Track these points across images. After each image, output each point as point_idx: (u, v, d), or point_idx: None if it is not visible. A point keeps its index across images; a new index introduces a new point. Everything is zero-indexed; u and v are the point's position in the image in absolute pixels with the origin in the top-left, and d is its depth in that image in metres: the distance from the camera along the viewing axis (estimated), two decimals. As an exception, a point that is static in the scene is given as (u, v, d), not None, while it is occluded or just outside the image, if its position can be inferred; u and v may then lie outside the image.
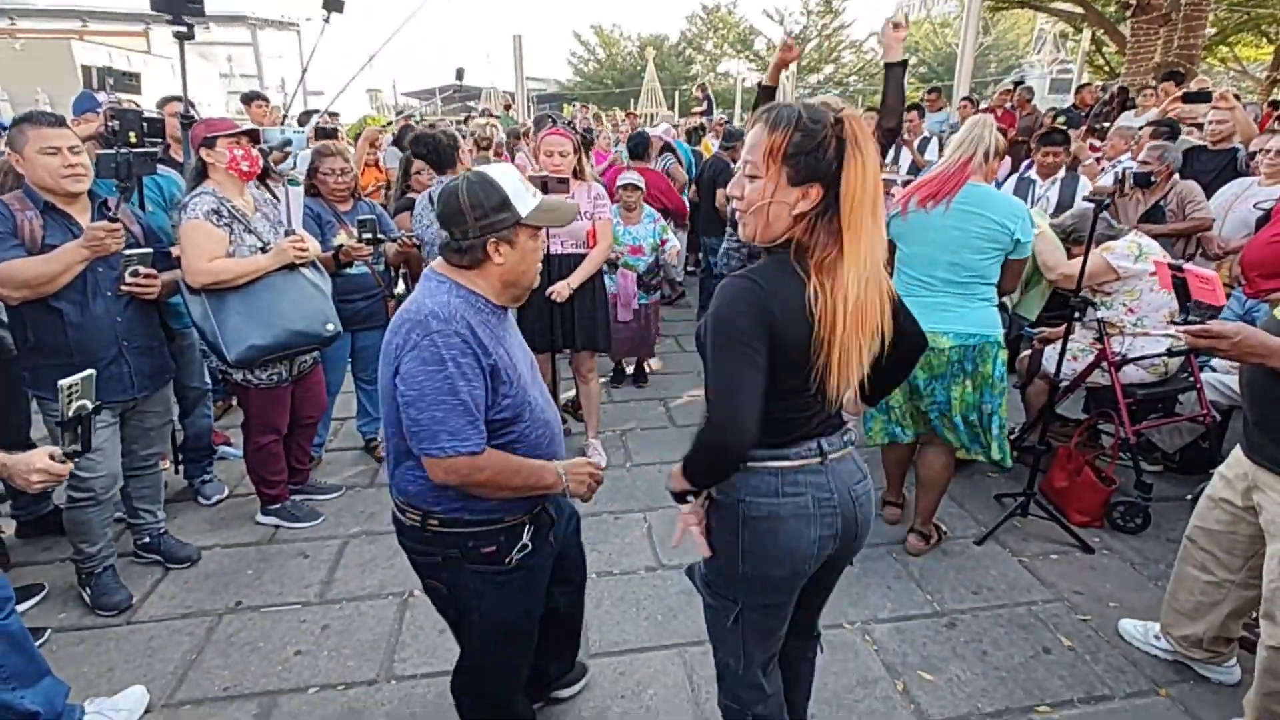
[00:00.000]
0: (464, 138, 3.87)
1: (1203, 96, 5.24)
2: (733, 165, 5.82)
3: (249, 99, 5.78)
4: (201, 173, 2.66)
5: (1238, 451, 2.00)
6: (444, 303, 1.42)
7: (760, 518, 1.39)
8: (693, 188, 6.21)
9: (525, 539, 1.60)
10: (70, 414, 1.60)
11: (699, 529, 1.47)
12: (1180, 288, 3.14)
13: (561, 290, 3.27)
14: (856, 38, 29.00)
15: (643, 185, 4.31)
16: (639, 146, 5.47)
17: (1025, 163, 4.93)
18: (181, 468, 3.36)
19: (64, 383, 1.58)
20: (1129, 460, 3.20)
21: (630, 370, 4.87)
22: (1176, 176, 3.94)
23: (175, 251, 2.64)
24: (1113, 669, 2.30)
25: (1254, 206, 3.67)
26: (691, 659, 2.34)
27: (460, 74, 9.48)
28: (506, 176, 1.47)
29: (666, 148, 6.53)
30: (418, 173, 4.09)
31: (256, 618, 2.55)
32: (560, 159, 3.22)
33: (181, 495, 3.36)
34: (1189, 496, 3.05)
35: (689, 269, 7.21)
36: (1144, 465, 3.22)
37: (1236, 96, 4.79)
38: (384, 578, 2.76)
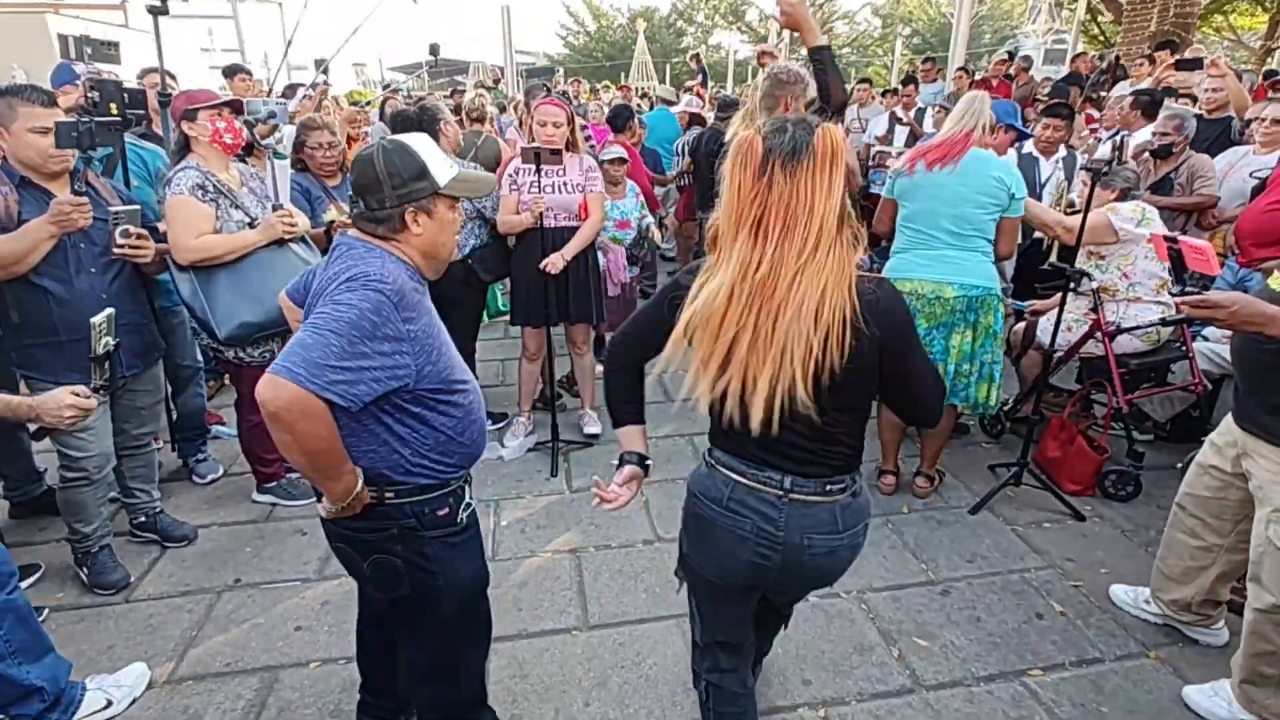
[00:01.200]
0: (450, 112, 3.80)
1: (1195, 64, 5.21)
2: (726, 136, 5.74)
3: (231, 72, 5.64)
4: (184, 147, 2.60)
5: (1229, 419, 2.02)
6: (379, 265, 1.38)
7: (699, 516, 1.46)
8: (687, 159, 6.09)
9: (467, 497, 1.63)
10: (100, 350, 1.75)
11: None
12: (1175, 259, 3.15)
13: (555, 262, 3.24)
14: (850, 8, 28.57)
15: (627, 159, 4.25)
16: (619, 119, 5.38)
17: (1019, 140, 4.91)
18: (176, 447, 3.34)
19: (95, 320, 1.72)
20: (1121, 429, 3.23)
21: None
22: (1190, 149, 3.90)
23: (161, 228, 2.59)
24: (1104, 633, 2.34)
25: (1250, 175, 3.66)
26: (690, 629, 2.36)
27: (435, 49, 9.13)
28: (424, 145, 1.44)
29: (695, 120, 6.40)
30: None
31: (256, 594, 2.55)
32: (554, 129, 3.17)
33: (177, 475, 3.34)
34: (1179, 465, 3.08)
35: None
36: (1136, 434, 3.25)
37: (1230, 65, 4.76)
38: (382, 554, 2.77)
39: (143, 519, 2.80)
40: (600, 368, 2.03)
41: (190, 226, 2.49)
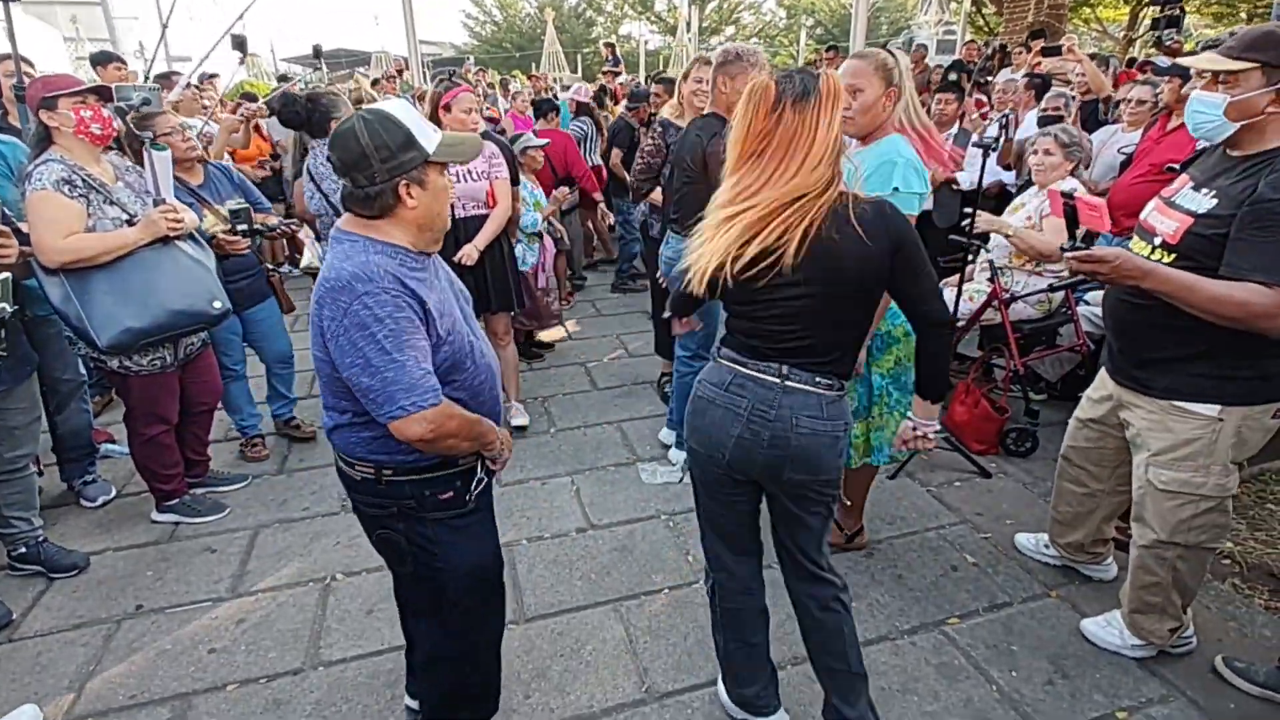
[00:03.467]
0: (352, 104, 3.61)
1: (1055, 50, 5.65)
2: (637, 127, 5.74)
3: (103, 60, 5.13)
4: (45, 139, 2.36)
5: (1103, 374, 2.17)
6: (363, 263, 1.33)
7: (701, 398, 1.66)
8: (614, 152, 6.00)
9: (480, 474, 1.58)
10: None
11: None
12: (1070, 215, 3.38)
13: (470, 253, 3.16)
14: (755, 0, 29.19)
15: (544, 144, 4.24)
16: (544, 106, 5.32)
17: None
18: (59, 470, 3.05)
19: None
20: (1019, 391, 3.47)
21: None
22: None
23: (24, 228, 2.35)
24: (1011, 578, 2.51)
25: (1119, 151, 3.99)
26: (627, 612, 2.37)
27: (318, 51, 8.43)
28: (405, 112, 1.36)
29: (583, 109, 6.30)
30: None
31: (161, 620, 2.37)
32: (473, 116, 3.09)
33: (63, 500, 3.06)
34: (1069, 420, 3.34)
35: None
36: (1031, 395, 3.49)
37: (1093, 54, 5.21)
38: (302, 565, 2.63)
39: (23, 550, 2.54)
40: (521, 361, 2.05)
41: (57, 225, 2.26)
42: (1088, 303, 3.56)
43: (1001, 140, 3.14)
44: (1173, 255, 1.78)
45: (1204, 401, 1.83)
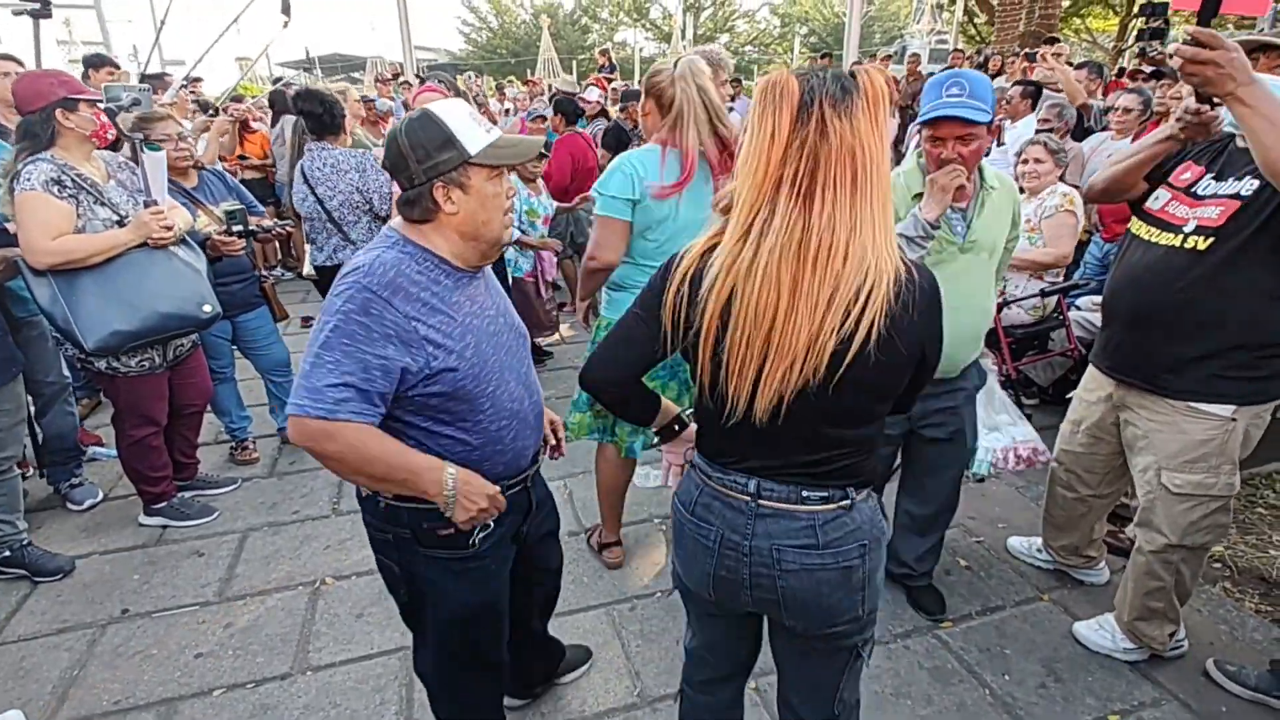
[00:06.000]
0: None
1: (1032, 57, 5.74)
2: (626, 127, 5.72)
3: (96, 64, 5.10)
4: (50, 137, 2.32)
5: (1097, 374, 2.13)
6: (375, 257, 1.27)
7: (674, 519, 1.32)
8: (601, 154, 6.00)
9: (492, 524, 1.43)
10: None
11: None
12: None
13: None
14: (750, 7, 29.41)
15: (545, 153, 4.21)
16: (573, 110, 5.25)
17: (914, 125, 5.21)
18: (44, 473, 3.01)
19: None
20: (1011, 395, 3.47)
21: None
22: (1069, 138, 4.23)
23: (10, 228, 2.33)
24: (1004, 582, 2.51)
25: (1107, 158, 4.01)
26: (619, 616, 2.36)
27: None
28: (453, 111, 1.28)
29: (603, 113, 6.25)
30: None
31: (147, 624, 2.34)
32: None
33: (49, 503, 3.02)
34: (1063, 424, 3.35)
35: None
36: (1023, 399, 3.50)
37: (1058, 55, 5.29)
38: (291, 569, 2.61)
39: (7, 553, 2.51)
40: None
41: (47, 226, 2.24)
42: (1079, 308, 3.59)
43: (994, 147, 3.15)
44: (1210, 240, 1.76)
45: (1220, 402, 1.82)
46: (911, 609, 2.37)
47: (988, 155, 3.77)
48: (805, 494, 1.16)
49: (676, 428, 1.42)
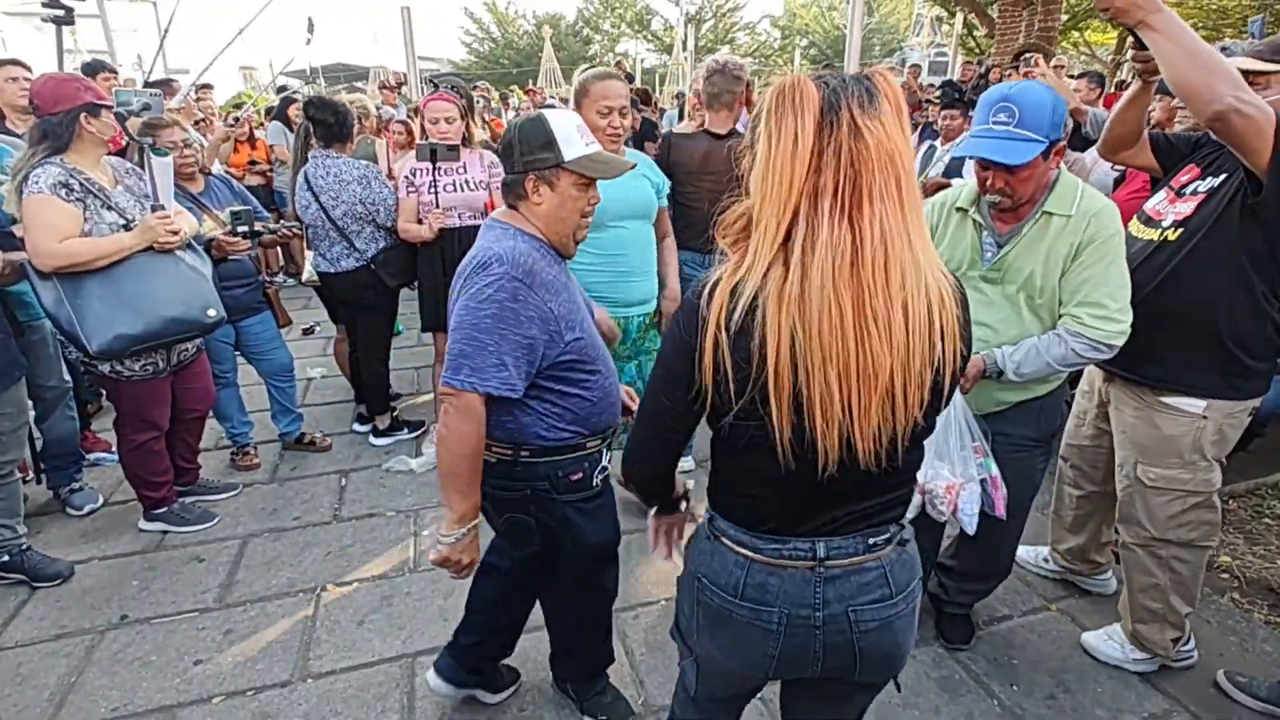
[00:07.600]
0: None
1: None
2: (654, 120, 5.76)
3: (93, 70, 5.11)
4: (67, 141, 2.32)
5: (1088, 371, 2.20)
6: (510, 247, 1.43)
7: (709, 606, 1.12)
8: None
9: (604, 461, 1.66)
10: None
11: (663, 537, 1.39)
12: None
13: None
14: (750, 19, 29.66)
15: None
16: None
17: (922, 130, 5.52)
18: (44, 477, 2.99)
19: None
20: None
21: None
22: (1067, 149, 4.25)
23: (18, 232, 2.33)
24: (1010, 591, 2.49)
25: (1111, 168, 4.03)
26: (624, 625, 2.34)
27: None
28: (561, 120, 1.47)
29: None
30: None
31: (146, 630, 2.32)
32: (447, 125, 3.08)
33: (48, 507, 3.00)
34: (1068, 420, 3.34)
35: None
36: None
37: (1059, 67, 5.33)
38: (292, 575, 2.59)
39: (6, 558, 2.49)
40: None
41: (55, 229, 2.24)
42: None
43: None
44: (1179, 231, 1.82)
45: (1191, 396, 1.86)
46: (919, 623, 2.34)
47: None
48: (872, 541, 1.06)
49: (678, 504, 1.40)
